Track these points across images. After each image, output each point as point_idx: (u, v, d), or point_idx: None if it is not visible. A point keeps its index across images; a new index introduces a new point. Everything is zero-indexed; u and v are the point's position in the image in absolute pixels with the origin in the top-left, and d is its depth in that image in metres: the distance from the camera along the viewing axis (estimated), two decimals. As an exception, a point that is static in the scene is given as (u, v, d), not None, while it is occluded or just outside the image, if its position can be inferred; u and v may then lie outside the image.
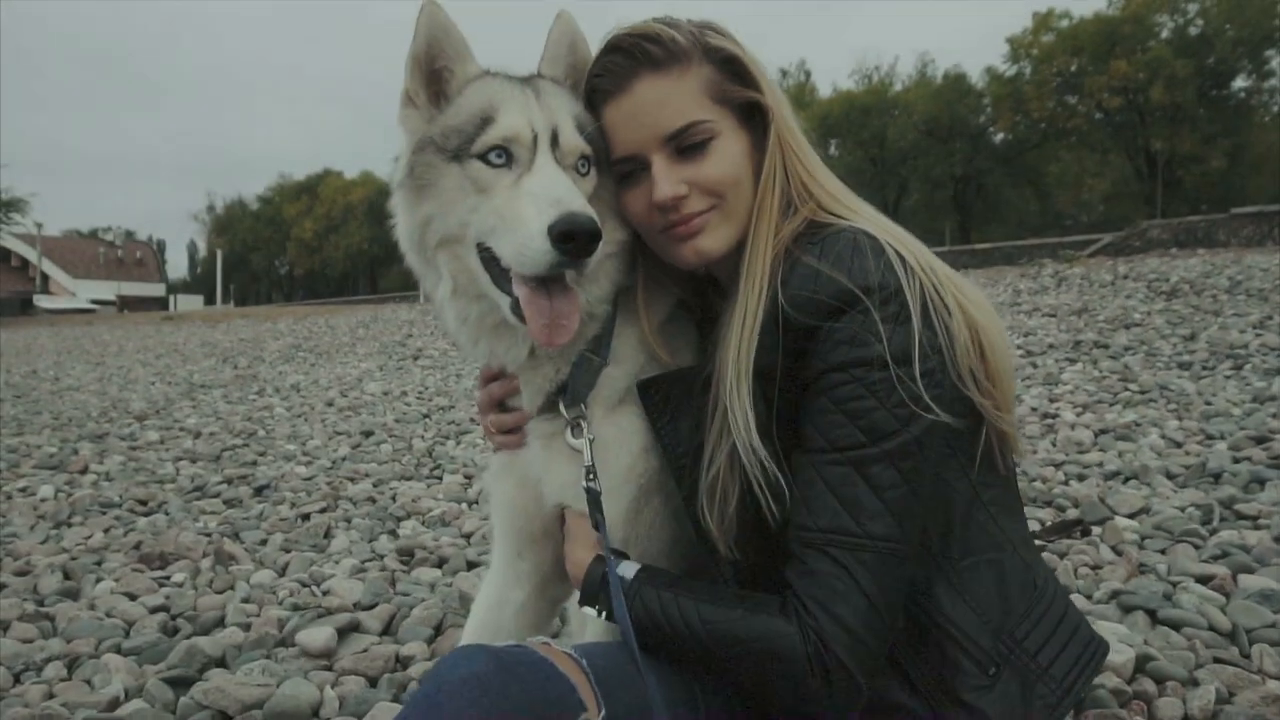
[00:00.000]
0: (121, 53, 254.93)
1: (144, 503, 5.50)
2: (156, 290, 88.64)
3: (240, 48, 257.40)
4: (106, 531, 4.86)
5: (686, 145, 1.75)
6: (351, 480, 5.82)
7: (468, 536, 4.44)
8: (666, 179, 1.77)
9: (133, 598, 3.74)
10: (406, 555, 4.13)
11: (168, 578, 4.01)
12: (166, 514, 5.21)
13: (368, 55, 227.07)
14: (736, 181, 1.77)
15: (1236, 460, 4.54)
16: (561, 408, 1.89)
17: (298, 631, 3.21)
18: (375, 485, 5.62)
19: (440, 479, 5.73)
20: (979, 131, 62.36)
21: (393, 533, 4.59)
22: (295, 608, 3.52)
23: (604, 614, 1.74)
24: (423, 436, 7.16)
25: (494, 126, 1.76)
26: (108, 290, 78.57)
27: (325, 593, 3.69)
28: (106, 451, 7.33)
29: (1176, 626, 2.89)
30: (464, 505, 5.03)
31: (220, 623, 3.44)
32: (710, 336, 1.87)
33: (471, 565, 3.96)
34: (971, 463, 1.70)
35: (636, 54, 1.76)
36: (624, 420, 1.91)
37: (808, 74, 79.33)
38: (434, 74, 1.89)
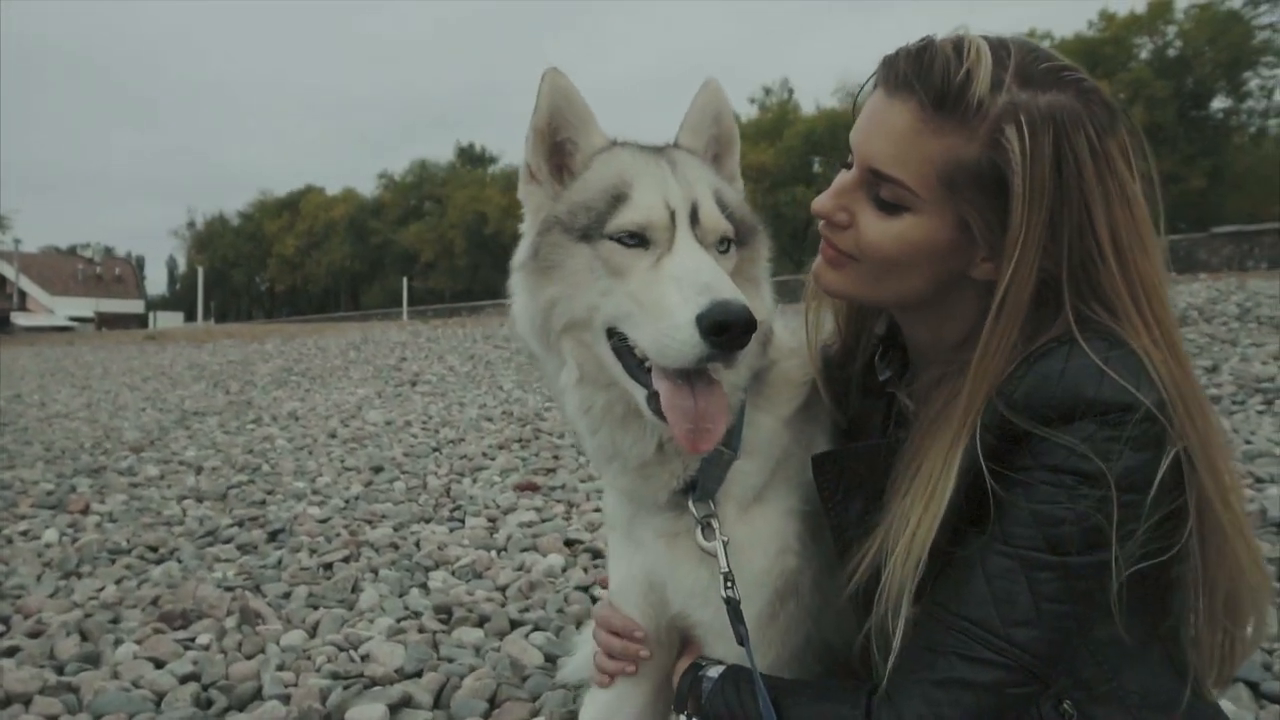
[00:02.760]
0: (99, 68, 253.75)
1: (154, 549, 5.27)
2: (136, 307, 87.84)
3: (221, 62, 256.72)
4: (119, 583, 4.63)
5: (879, 196, 1.57)
6: (369, 523, 5.61)
7: (503, 589, 4.25)
8: (832, 194, 1.64)
9: (159, 664, 3.52)
10: (444, 613, 3.94)
11: (192, 639, 3.79)
12: (179, 561, 4.99)
13: (350, 71, 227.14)
14: (891, 263, 1.59)
15: (1294, 507, 4.42)
16: (691, 506, 1.73)
17: (345, 708, 3.03)
18: (396, 530, 5.41)
19: (463, 522, 5.53)
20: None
21: (423, 585, 4.39)
22: (335, 676, 3.33)
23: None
24: (436, 473, 6.96)
25: (628, 204, 1.60)
26: (86, 307, 77.77)
27: (364, 657, 3.50)
28: (106, 489, 7.08)
29: (1284, 702, 2.75)
30: (493, 553, 4.83)
31: (257, 694, 3.25)
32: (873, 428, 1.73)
33: (514, 624, 3.77)
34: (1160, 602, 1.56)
35: (924, 71, 1.51)
36: (759, 520, 1.75)
37: (791, 91, 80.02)
38: (556, 146, 1.75)
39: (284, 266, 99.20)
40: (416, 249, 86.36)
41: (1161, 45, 55.12)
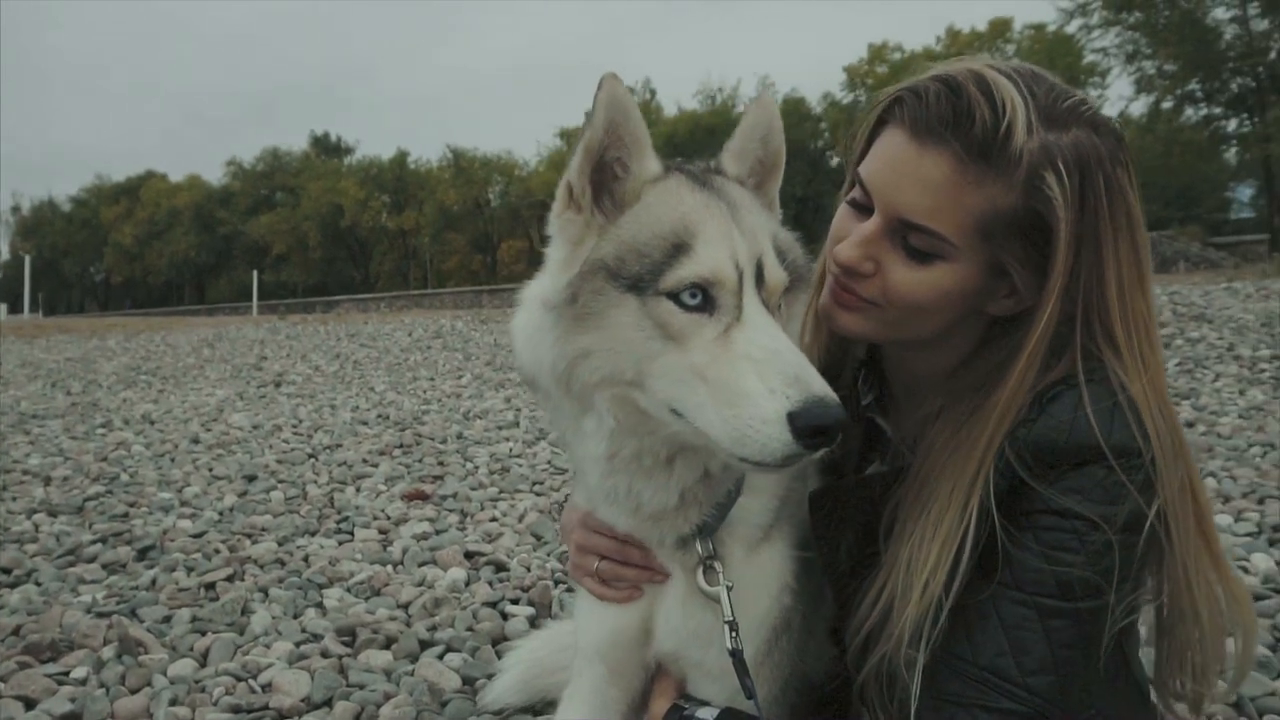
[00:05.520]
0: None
1: (7, 570, 4.81)
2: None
3: (47, 37, 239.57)
4: (-30, 612, 4.21)
5: (909, 244, 1.53)
6: (249, 537, 5.29)
7: (405, 607, 4.08)
8: (856, 244, 1.57)
9: (30, 704, 3.21)
10: (347, 635, 3.74)
11: (66, 673, 3.47)
12: (38, 584, 4.58)
13: (196, 53, 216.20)
14: (919, 310, 1.57)
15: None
16: (697, 545, 1.66)
17: (254, 745, 2.82)
18: (280, 544, 5.12)
19: (352, 535, 5.29)
20: (818, 155, 64.88)
21: (319, 605, 4.16)
22: (236, 710, 3.11)
23: None
24: (316, 482, 6.64)
25: (690, 259, 1.42)
26: (-108, 297, 71.12)
27: (266, 686, 3.28)
28: (-60, 503, 6.45)
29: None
30: (389, 568, 4.64)
31: (150, 733, 3.00)
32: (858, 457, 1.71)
33: (425, 645, 3.62)
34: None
35: (963, 119, 1.45)
36: (764, 561, 1.71)
37: (653, 92, 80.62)
38: (601, 166, 1.55)
39: (121, 256, 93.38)
40: (267, 241, 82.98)
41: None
